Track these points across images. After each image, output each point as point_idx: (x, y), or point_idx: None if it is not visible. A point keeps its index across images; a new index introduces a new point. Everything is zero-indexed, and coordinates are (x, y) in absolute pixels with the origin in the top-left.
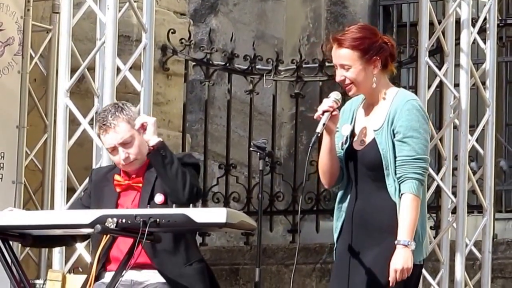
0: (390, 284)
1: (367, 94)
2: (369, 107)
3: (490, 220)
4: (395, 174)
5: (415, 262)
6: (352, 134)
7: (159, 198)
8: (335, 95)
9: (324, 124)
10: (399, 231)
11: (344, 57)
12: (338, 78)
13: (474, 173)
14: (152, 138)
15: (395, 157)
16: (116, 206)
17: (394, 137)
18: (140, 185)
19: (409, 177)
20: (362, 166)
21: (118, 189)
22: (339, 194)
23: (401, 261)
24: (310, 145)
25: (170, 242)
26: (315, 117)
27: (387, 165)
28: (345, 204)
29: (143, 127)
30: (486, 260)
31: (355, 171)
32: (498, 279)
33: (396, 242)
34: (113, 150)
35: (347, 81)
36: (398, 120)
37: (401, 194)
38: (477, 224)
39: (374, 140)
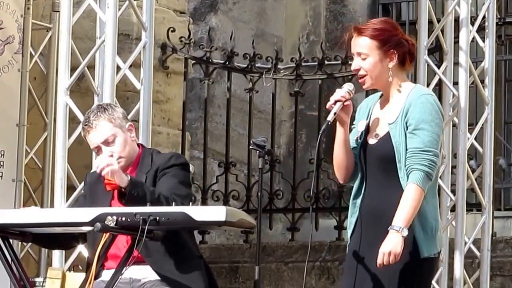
0: (378, 267)
1: (381, 88)
2: (384, 102)
3: (489, 218)
4: (405, 166)
5: (429, 255)
6: (368, 129)
7: None
8: (348, 86)
9: (335, 113)
10: (395, 216)
11: (362, 46)
12: (353, 67)
13: (473, 171)
14: (121, 182)
15: (407, 150)
16: (110, 205)
17: (407, 129)
18: None
19: (415, 168)
20: (375, 160)
21: (109, 188)
22: (354, 189)
23: (390, 245)
24: (320, 132)
25: (162, 243)
26: (327, 106)
27: (400, 158)
28: (359, 200)
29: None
30: (485, 258)
31: (369, 165)
32: (497, 277)
33: (389, 227)
34: (98, 150)
35: (362, 72)
36: (411, 112)
37: (406, 184)
38: (476, 222)
39: (388, 133)
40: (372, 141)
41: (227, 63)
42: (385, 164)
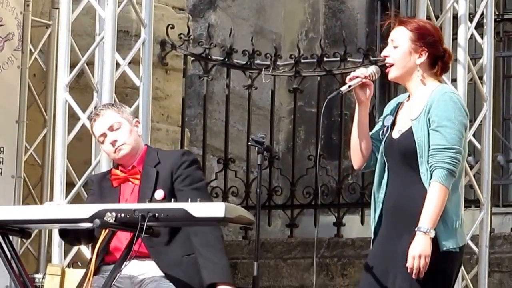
0: (408, 270)
1: (406, 83)
2: (410, 99)
3: (487, 215)
4: (428, 163)
5: (449, 248)
6: (393, 124)
7: (159, 194)
8: (374, 68)
9: (349, 86)
10: (421, 218)
11: (397, 34)
12: (383, 53)
13: (472, 167)
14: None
15: (429, 146)
16: (120, 197)
17: (430, 126)
18: (138, 176)
19: (438, 166)
20: (397, 154)
21: (115, 183)
22: (375, 184)
23: (419, 248)
24: (329, 97)
25: (166, 233)
26: (346, 80)
27: (421, 153)
28: (381, 195)
29: None
30: (483, 255)
31: (392, 160)
32: (495, 273)
33: (416, 228)
34: (103, 138)
35: (390, 60)
36: (434, 109)
37: (430, 183)
38: (474, 219)
39: (410, 128)
40: (395, 135)
41: (226, 59)
42: (406, 159)
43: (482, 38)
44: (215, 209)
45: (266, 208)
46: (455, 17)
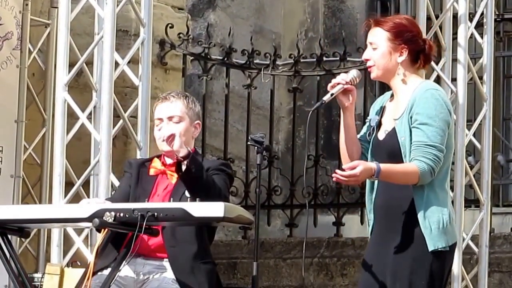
0: (334, 178)
1: (389, 81)
2: (394, 98)
3: (487, 215)
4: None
5: (437, 248)
6: (379, 125)
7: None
8: (355, 73)
9: (332, 95)
10: (387, 166)
11: (375, 35)
12: (364, 56)
13: (472, 167)
14: (182, 152)
15: (411, 144)
16: (152, 190)
17: (411, 124)
18: (175, 175)
19: (420, 160)
20: (384, 155)
21: (152, 172)
22: (367, 184)
23: (359, 171)
24: (312, 109)
25: (191, 233)
26: (328, 88)
27: (405, 153)
28: (374, 196)
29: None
30: (483, 254)
31: (379, 161)
32: (495, 273)
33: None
34: (159, 123)
35: (371, 62)
36: (416, 107)
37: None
38: (474, 218)
39: (394, 128)
40: (381, 136)
41: (225, 59)
42: (392, 159)
43: (482, 37)
44: (214, 208)
45: (265, 207)
46: (455, 16)
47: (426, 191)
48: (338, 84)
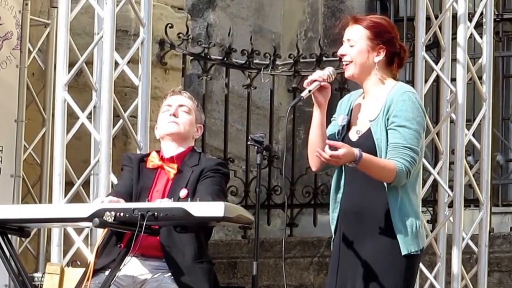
0: (324, 153)
1: (364, 81)
2: (366, 98)
3: (486, 214)
4: None
5: (410, 251)
6: (349, 125)
7: (183, 192)
8: (330, 70)
9: (310, 91)
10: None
11: (353, 33)
12: (340, 52)
13: (471, 167)
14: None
15: (387, 146)
16: (152, 185)
17: (388, 126)
18: (174, 169)
19: (397, 161)
20: None
21: (150, 165)
22: (333, 184)
23: (341, 153)
24: (291, 104)
25: (187, 236)
26: (304, 84)
27: (381, 154)
28: (340, 195)
29: None
30: (482, 254)
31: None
32: (495, 273)
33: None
34: (169, 108)
35: (347, 58)
36: (393, 109)
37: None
38: (473, 218)
39: (369, 130)
40: (353, 137)
41: (225, 59)
42: None
43: (481, 38)
44: (214, 208)
45: (265, 207)
46: (454, 16)
47: (400, 194)
48: (315, 81)
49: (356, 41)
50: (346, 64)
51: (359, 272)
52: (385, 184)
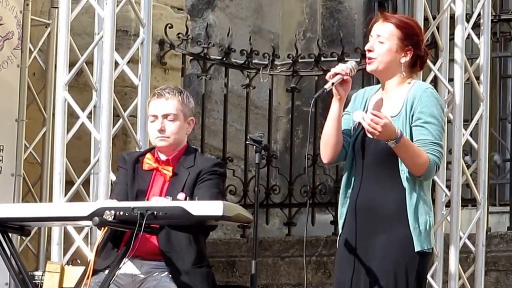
0: (367, 119)
1: (386, 78)
2: (385, 95)
3: (484, 214)
4: None
5: (423, 249)
6: None
7: (181, 196)
8: (352, 64)
9: (333, 84)
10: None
11: (384, 30)
12: (367, 46)
13: (468, 167)
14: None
15: (413, 142)
16: (149, 187)
17: (412, 123)
18: (169, 172)
19: (430, 155)
20: (374, 153)
21: (146, 167)
22: (344, 179)
23: (383, 122)
24: (314, 96)
25: (185, 239)
26: (326, 77)
27: None
28: (350, 191)
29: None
30: (480, 253)
31: (366, 157)
32: (492, 272)
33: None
34: (154, 119)
35: (373, 55)
36: (418, 106)
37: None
38: (471, 218)
39: None
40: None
41: (224, 59)
42: (385, 157)
43: (479, 38)
44: (213, 207)
45: (264, 206)
46: (452, 17)
47: (418, 192)
48: (338, 74)
49: (386, 39)
50: (371, 59)
51: (372, 267)
52: (405, 181)
